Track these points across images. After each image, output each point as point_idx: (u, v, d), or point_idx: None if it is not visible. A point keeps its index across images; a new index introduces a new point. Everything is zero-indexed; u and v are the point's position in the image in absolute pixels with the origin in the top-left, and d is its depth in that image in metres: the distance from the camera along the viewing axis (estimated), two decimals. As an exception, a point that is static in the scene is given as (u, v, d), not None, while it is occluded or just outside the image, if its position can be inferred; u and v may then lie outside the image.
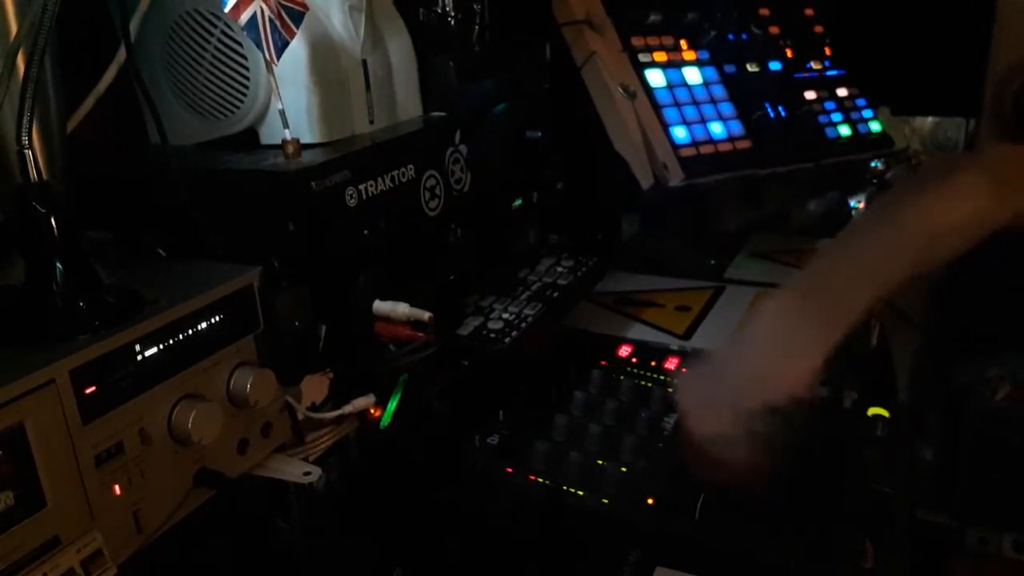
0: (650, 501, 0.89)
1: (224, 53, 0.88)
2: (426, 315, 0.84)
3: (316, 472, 0.76)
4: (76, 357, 0.57)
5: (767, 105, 1.45)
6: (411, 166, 0.92)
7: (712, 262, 1.52)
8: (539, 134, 1.21)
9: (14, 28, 0.68)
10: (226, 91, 0.89)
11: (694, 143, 1.34)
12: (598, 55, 1.33)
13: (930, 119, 1.86)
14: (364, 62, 0.92)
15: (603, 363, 1.15)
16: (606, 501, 0.90)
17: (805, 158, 1.44)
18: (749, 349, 0.79)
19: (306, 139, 0.87)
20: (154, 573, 0.67)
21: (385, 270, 0.87)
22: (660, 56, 1.41)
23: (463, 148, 1.01)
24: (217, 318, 0.68)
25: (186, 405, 0.65)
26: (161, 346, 0.63)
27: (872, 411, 1.03)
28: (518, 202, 1.15)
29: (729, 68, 1.47)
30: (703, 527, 0.85)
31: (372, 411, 0.87)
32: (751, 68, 1.49)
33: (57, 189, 0.63)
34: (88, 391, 0.58)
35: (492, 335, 0.99)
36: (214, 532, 0.73)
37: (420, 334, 0.85)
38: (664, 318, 1.29)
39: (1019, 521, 1.29)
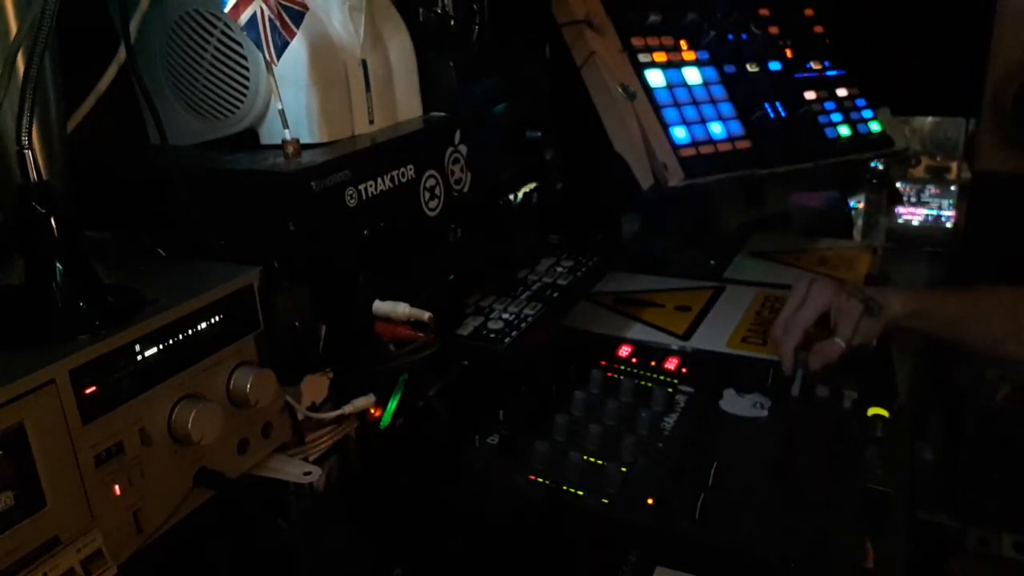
0: (650, 501, 0.89)
1: (224, 53, 0.88)
2: (426, 315, 0.84)
3: (316, 472, 0.76)
4: (76, 357, 0.57)
5: (767, 105, 1.45)
6: (411, 166, 0.92)
7: (712, 262, 1.52)
8: (539, 134, 1.21)
9: (14, 28, 0.68)
10: (226, 91, 0.89)
11: (694, 143, 1.34)
12: (598, 55, 1.33)
13: (930, 119, 1.86)
14: (364, 62, 0.92)
15: (603, 363, 1.16)
16: (606, 501, 0.90)
17: (805, 158, 1.44)
18: None
19: (306, 139, 0.87)
20: (154, 573, 0.67)
21: (385, 270, 0.87)
22: (660, 56, 1.40)
23: (463, 148, 1.01)
24: (217, 318, 0.68)
25: (186, 405, 0.65)
26: (161, 346, 0.63)
27: (872, 411, 1.03)
28: (523, 191, 1.15)
29: (729, 68, 1.46)
30: (703, 527, 0.85)
31: (372, 411, 0.87)
32: (751, 68, 1.49)
33: (57, 189, 0.63)
34: (88, 391, 0.58)
35: (492, 335, 0.99)
36: (214, 532, 0.73)
37: (420, 334, 0.84)
38: (664, 318, 1.29)
39: (1019, 521, 1.29)
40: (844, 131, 1.49)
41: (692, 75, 1.43)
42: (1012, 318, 1.09)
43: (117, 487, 0.61)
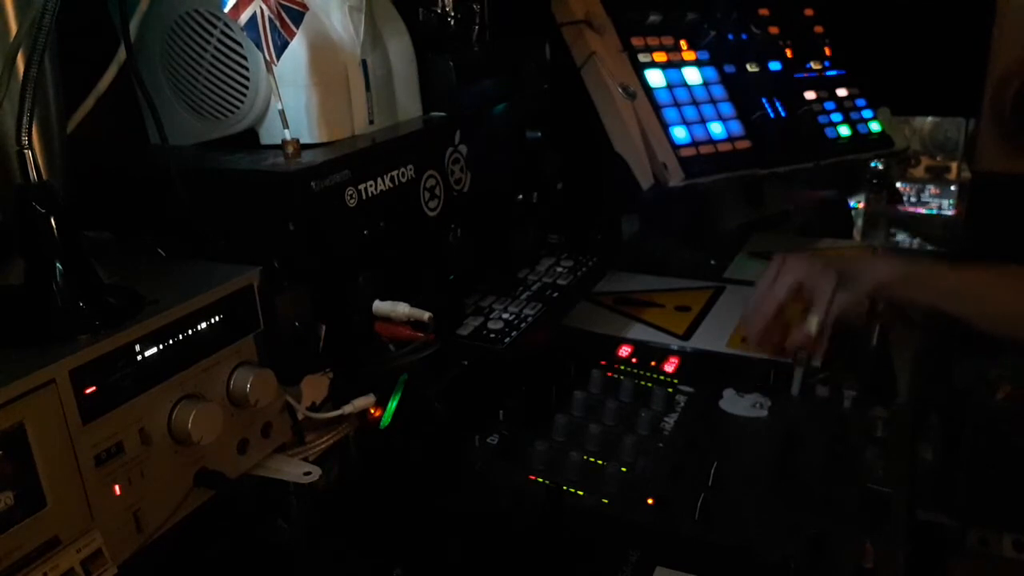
0: (650, 501, 0.89)
1: (224, 53, 0.88)
2: (426, 315, 0.84)
3: (316, 472, 0.76)
4: (76, 357, 0.57)
5: (767, 105, 1.45)
6: (411, 166, 0.92)
7: (712, 262, 1.52)
8: (539, 134, 1.21)
9: (14, 28, 0.68)
10: (226, 91, 0.89)
11: (694, 143, 1.34)
12: (598, 55, 1.33)
13: (930, 119, 1.86)
14: (364, 62, 0.92)
15: (603, 363, 1.15)
16: (606, 501, 0.90)
17: (805, 158, 1.44)
18: None
19: (306, 139, 0.87)
20: (154, 573, 0.67)
21: (385, 270, 0.87)
22: (660, 56, 1.40)
23: (463, 148, 1.01)
24: (217, 318, 0.68)
25: (186, 405, 0.65)
26: (161, 346, 0.63)
27: (872, 411, 1.03)
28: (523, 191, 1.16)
29: (729, 68, 1.47)
30: (703, 527, 0.85)
31: (372, 411, 0.87)
32: (751, 68, 1.49)
33: (57, 189, 0.63)
34: (88, 391, 0.58)
35: (492, 335, 0.99)
36: (214, 532, 0.73)
37: (420, 334, 0.85)
38: (664, 318, 1.29)
39: (1019, 521, 1.29)
40: (844, 131, 1.49)
41: (692, 75, 1.43)
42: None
43: (117, 487, 0.61)
